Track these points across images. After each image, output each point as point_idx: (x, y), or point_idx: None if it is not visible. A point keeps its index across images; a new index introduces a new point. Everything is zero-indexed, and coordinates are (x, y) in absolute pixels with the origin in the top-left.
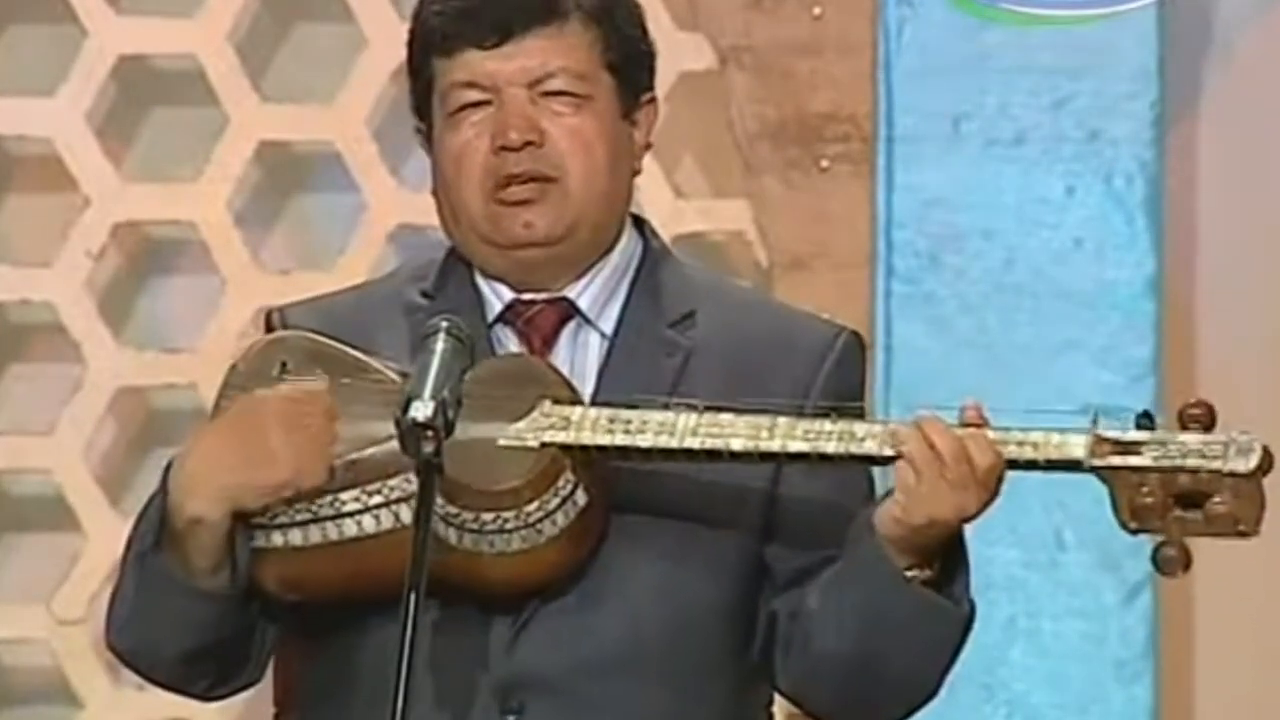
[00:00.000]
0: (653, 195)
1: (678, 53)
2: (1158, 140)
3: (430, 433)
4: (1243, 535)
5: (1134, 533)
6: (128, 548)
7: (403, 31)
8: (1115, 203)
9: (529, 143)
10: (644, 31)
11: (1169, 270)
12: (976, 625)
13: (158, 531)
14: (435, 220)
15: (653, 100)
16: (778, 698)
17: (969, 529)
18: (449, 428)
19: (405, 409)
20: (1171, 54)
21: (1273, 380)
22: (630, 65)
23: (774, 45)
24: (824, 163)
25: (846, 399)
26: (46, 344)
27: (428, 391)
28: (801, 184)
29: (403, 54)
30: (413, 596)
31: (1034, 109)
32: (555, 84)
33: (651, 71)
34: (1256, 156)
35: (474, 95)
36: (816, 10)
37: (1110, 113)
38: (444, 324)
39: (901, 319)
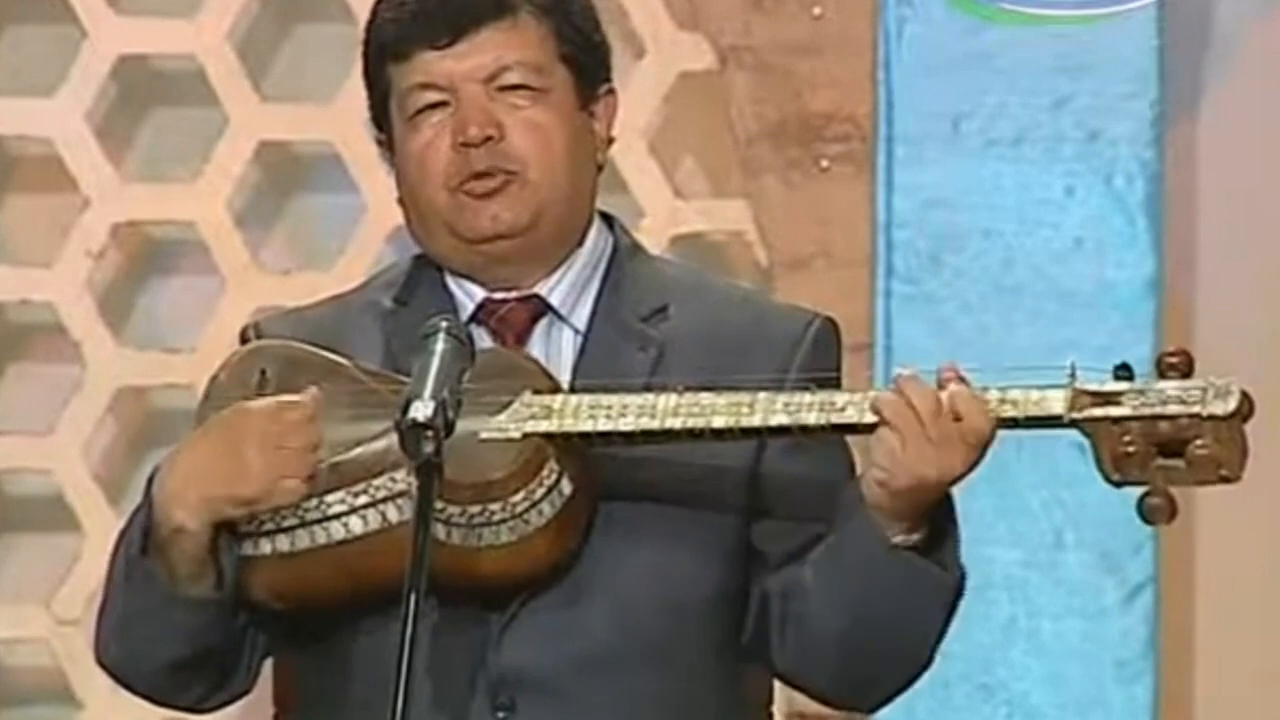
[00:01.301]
0: (653, 195)
1: (678, 53)
2: (1158, 140)
3: (430, 433)
4: (1225, 480)
5: (1118, 484)
6: (113, 558)
7: None
8: (1115, 203)
9: (488, 138)
10: (596, 24)
11: (1169, 270)
12: (977, 625)
13: (143, 540)
14: None
15: (611, 92)
16: (779, 694)
17: (967, 529)
18: (449, 427)
19: (405, 409)
20: (1171, 54)
21: (1272, 380)
22: (585, 57)
23: (774, 45)
24: (824, 163)
25: (823, 386)
26: (46, 344)
27: (428, 391)
28: (801, 184)
29: None
30: (413, 597)
31: (1034, 109)
32: (511, 78)
33: (607, 64)
34: (1256, 156)
35: (432, 96)
36: (816, 10)
37: (1110, 113)
38: (444, 324)
39: (901, 319)
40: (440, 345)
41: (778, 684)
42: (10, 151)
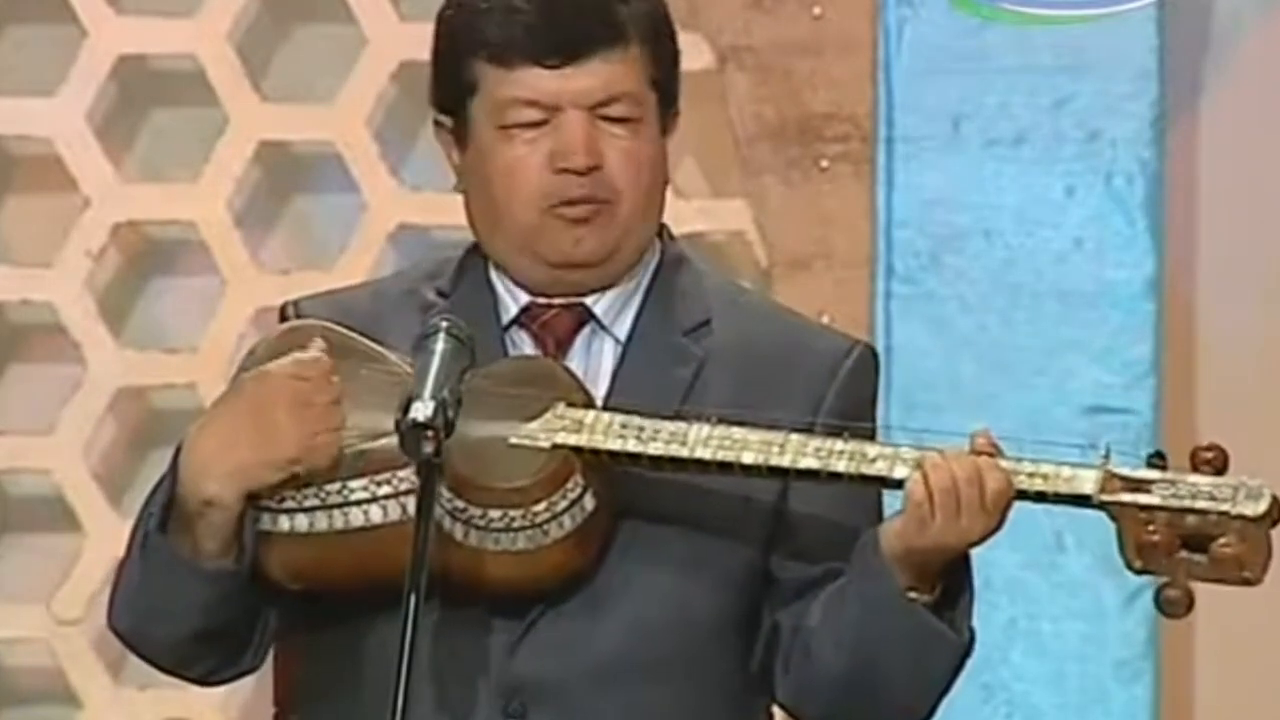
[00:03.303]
0: None
1: None
2: (1158, 140)
3: (430, 433)
4: (1246, 582)
5: (1139, 573)
6: (134, 529)
7: (403, 31)
8: (1115, 203)
9: (593, 167)
10: (678, 48)
11: (1169, 270)
12: (977, 624)
13: (163, 514)
14: (435, 220)
15: (678, 114)
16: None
17: None
18: (449, 428)
19: (405, 409)
20: (1171, 54)
21: (1273, 380)
22: (669, 81)
23: (774, 45)
24: (824, 163)
25: (858, 413)
26: (46, 344)
27: (428, 391)
28: (801, 184)
29: (402, 54)
30: (413, 597)
31: (1034, 109)
32: (617, 110)
33: (679, 85)
34: (1256, 156)
35: (533, 115)
36: (816, 10)
37: (1110, 113)
38: (444, 324)
39: (901, 319)
40: (440, 345)
41: None
42: (10, 151)
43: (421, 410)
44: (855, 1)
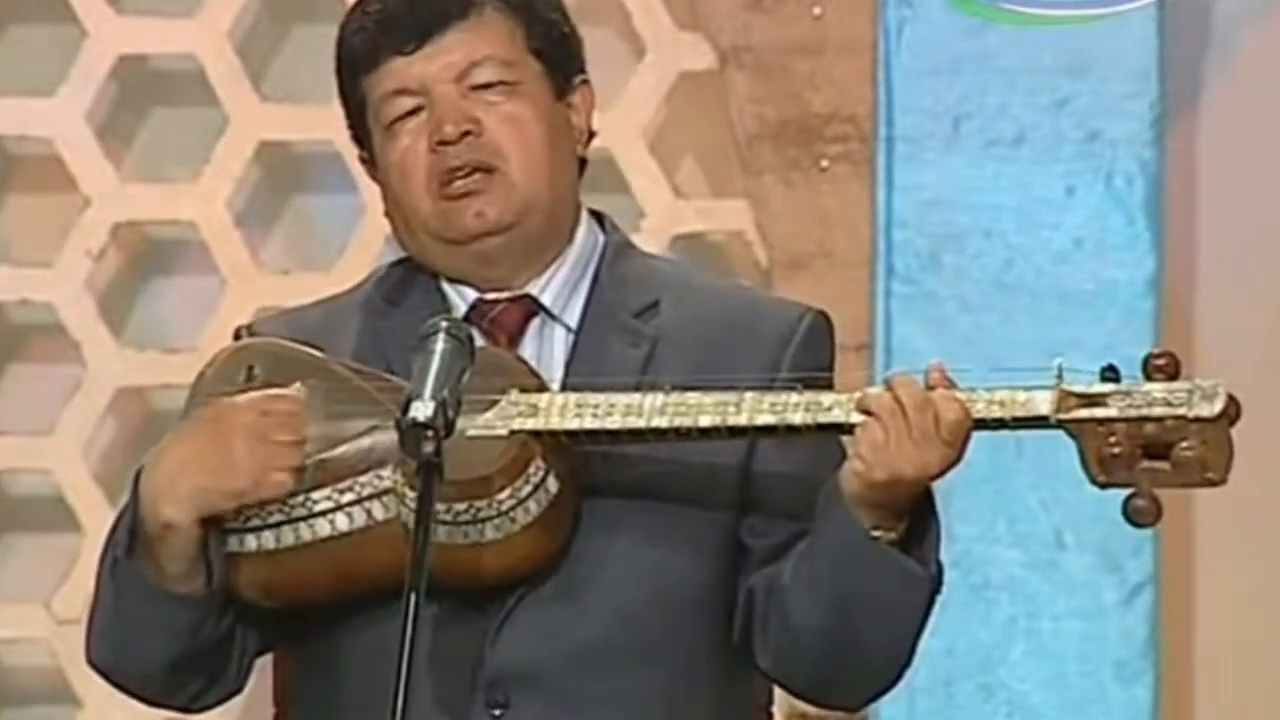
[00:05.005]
0: (653, 195)
1: (678, 53)
2: (1158, 140)
3: (430, 433)
4: (1211, 483)
5: (1103, 486)
6: (102, 558)
7: None
8: (1115, 203)
9: (466, 133)
10: (564, 16)
11: (1169, 270)
12: (977, 625)
13: (130, 539)
14: None
15: (586, 83)
16: (780, 695)
17: (967, 530)
18: (449, 427)
19: (405, 409)
20: (1171, 54)
21: (1272, 380)
22: (554, 49)
23: (774, 45)
24: (824, 163)
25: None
26: (46, 344)
27: (428, 391)
28: (801, 184)
29: None
30: (413, 597)
31: (1034, 109)
32: (482, 75)
33: (579, 55)
34: (1256, 156)
35: (406, 102)
36: (816, 10)
37: (1110, 113)
38: (444, 324)
39: (901, 319)
40: (440, 345)
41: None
42: (10, 151)
43: (422, 410)
44: (855, 1)
